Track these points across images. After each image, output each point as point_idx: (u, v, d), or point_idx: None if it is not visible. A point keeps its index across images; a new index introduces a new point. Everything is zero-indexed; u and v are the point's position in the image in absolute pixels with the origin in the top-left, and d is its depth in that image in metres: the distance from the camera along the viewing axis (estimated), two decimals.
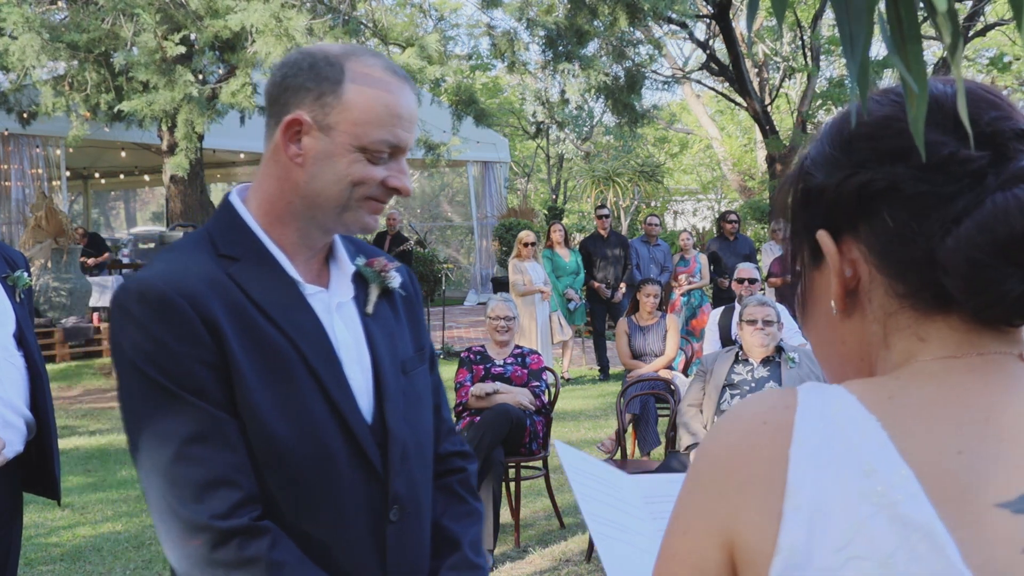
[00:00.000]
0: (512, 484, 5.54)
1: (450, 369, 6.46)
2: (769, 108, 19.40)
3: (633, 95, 14.63)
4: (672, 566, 0.80)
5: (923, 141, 0.64)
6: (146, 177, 22.66)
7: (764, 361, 4.94)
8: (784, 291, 10.07)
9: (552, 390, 6.04)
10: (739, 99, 18.66)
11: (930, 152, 0.78)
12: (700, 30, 21.10)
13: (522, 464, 5.57)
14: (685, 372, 7.95)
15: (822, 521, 0.73)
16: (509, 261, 10.67)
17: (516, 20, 14.02)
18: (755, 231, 19.32)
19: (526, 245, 10.30)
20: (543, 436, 5.60)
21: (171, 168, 12.38)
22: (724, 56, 18.48)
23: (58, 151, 14.32)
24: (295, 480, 1.41)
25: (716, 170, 28.04)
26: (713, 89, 22.99)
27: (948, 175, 0.78)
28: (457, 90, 13.44)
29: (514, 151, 26.34)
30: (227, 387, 1.37)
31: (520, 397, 5.47)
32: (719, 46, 19.73)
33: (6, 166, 13.60)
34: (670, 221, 26.17)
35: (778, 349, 4.97)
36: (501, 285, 14.17)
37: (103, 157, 19.98)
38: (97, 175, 22.74)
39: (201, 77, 12.05)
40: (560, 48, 13.83)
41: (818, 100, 18.89)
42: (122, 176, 22.91)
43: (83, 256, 13.87)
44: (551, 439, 1.69)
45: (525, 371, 5.68)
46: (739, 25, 18.19)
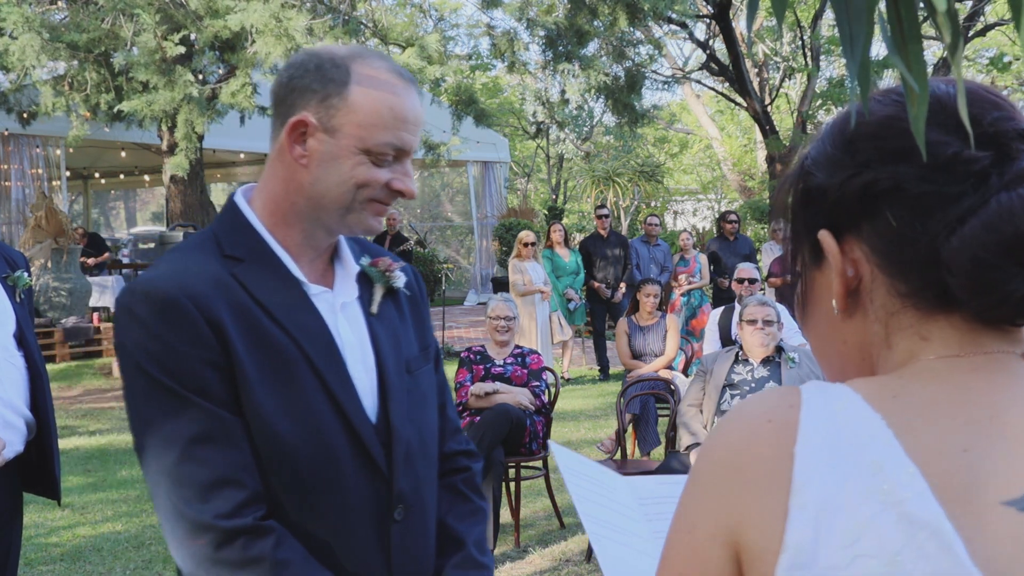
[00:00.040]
0: (512, 484, 5.54)
1: (450, 369, 6.42)
2: (769, 108, 19.41)
3: (633, 95, 14.63)
4: (677, 564, 0.80)
5: (924, 140, 0.64)
6: (146, 177, 22.66)
7: (764, 361, 4.94)
8: (784, 291, 10.07)
9: (552, 390, 6.04)
10: (739, 99, 18.67)
11: (934, 152, 0.78)
12: (700, 30, 21.11)
13: (522, 464, 5.57)
14: (685, 372, 7.95)
15: (829, 519, 0.73)
16: (509, 261, 10.67)
17: (516, 20, 14.02)
18: (755, 231, 19.32)
19: (526, 245, 10.30)
20: (543, 436, 5.60)
21: (171, 168, 12.38)
22: (724, 56, 18.49)
23: (58, 151, 14.31)
24: (299, 479, 1.41)
25: (716, 170, 28.04)
26: (713, 89, 22.99)
27: (952, 175, 0.78)
28: (457, 90, 13.44)
29: (514, 151, 26.34)
30: (232, 387, 1.38)
31: (520, 397, 5.47)
32: (719, 46, 19.74)
33: (6, 166, 13.59)
34: (670, 221, 26.17)
35: (778, 349, 4.97)
36: (501, 285, 14.16)
37: (103, 157, 19.98)
38: (97, 175, 22.75)
39: (201, 77, 12.05)
40: (560, 48, 13.83)
41: (818, 100, 18.89)
42: (122, 176, 22.91)
43: (83, 256, 13.87)
44: (549, 440, 1.70)
45: (525, 371, 5.68)
46: (739, 25, 18.19)
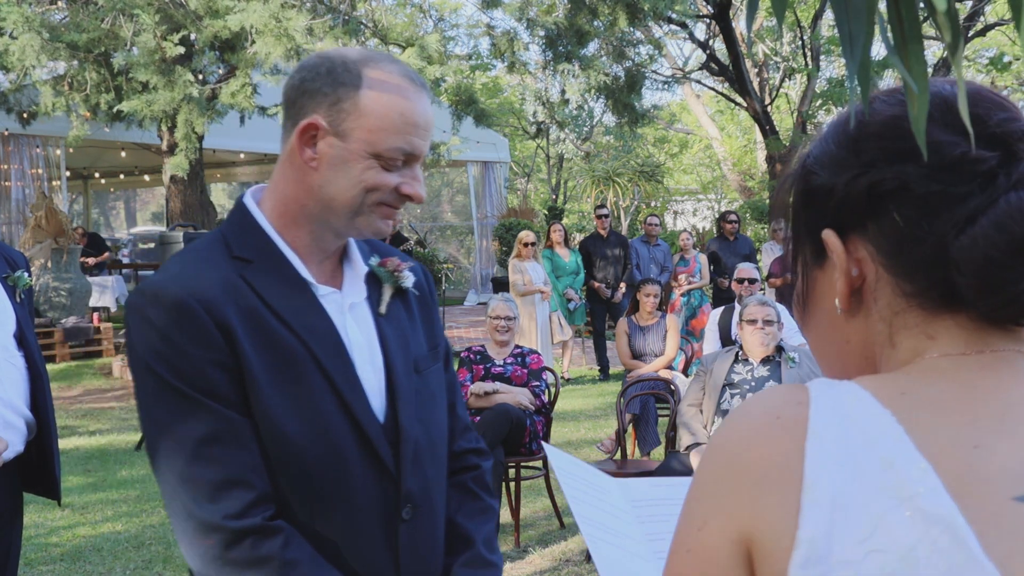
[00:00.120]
0: (512, 484, 5.54)
1: None
2: (769, 108, 19.41)
3: (633, 95, 14.63)
4: (687, 561, 0.79)
5: (924, 140, 0.64)
6: (146, 177, 22.66)
7: (764, 361, 4.94)
8: (784, 291, 10.07)
9: (552, 390, 6.04)
10: (739, 99, 18.67)
11: (941, 152, 0.78)
12: (700, 30, 21.12)
13: (522, 464, 5.57)
14: (685, 372, 7.95)
15: (842, 515, 0.73)
16: (509, 261, 10.67)
17: (516, 20, 14.02)
18: (755, 231, 19.32)
19: (526, 245, 10.30)
20: (543, 436, 5.60)
21: (171, 168, 12.38)
22: (724, 56, 18.49)
23: (58, 151, 14.31)
24: (308, 480, 1.42)
25: (716, 170, 28.03)
26: (713, 89, 22.99)
27: (959, 175, 0.78)
28: (457, 90, 13.44)
29: (514, 151, 26.33)
30: (240, 388, 1.39)
31: (520, 397, 5.47)
32: (719, 46, 19.74)
33: (6, 166, 13.59)
34: (670, 221, 26.17)
35: (778, 349, 4.97)
36: (501, 285, 14.16)
37: (103, 157, 19.98)
38: (97, 175, 22.76)
39: (201, 77, 12.05)
40: (560, 48, 13.83)
41: (818, 100, 18.90)
42: (122, 176, 22.92)
43: (83, 256, 13.87)
44: (543, 441, 1.70)
45: (525, 371, 5.69)
46: (739, 25, 18.18)
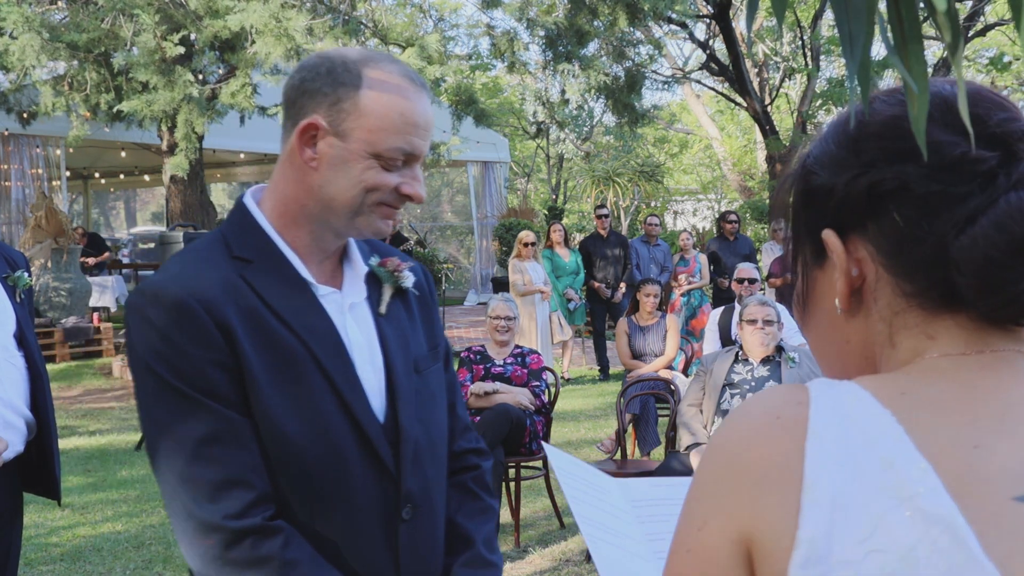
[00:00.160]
0: (512, 484, 5.54)
1: None
2: (769, 108, 19.41)
3: (633, 95, 14.62)
4: (687, 561, 0.79)
5: (924, 140, 0.64)
6: (146, 177, 22.66)
7: (764, 361, 4.94)
8: (784, 291, 10.07)
9: (552, 390, 6.04)
10: (739, 99, 18.67)
11: (941, 152, 0.78)
12: (700, 30, 21.12)
13: (522, 464, 5.57)
14: (685, 372, 7.95)
15: (842, 515, 0.73)
16: (509, 261, 10.67)
17: (516, 20, 14.02)
18: (755, 231, 19.32)
19: (526, 245, 10.30)
20: (543, 436, 5.60)
21: (171, 168, 12.38)
22: (724, 56, 18.49)
23: (58, 151, 14.31)
24: (308, 480, 1.42)
25: (716, 170, 28.03)
26: (713, 89, 22.99)
27: (959, 175, 0.78)
28: (457, 90, 13.43)
29: (514, 151, 26.33)
30: (240, 388, 1.39)
31: (520, 397, 5.47)
32: (719, 46, 19.74)
33: (6, 166, 13.58)
34: (670, 221, 26.16)
35: (778, 349, 4.98)
36: (501, 285, 14.16)
37: (103, 157, 19.98)
38: (97, 175, 22.76)
39: (201, 77, 12.05)
40: (560, 48, 13.83)
41: (818, 100, 18.90)
42: (122, 176, 22.92)
43: (83, 256, 13.87)
44: (542, 441, 1.70)
45: (525, 371, 5.69)
46: (739, 25, 18.18)
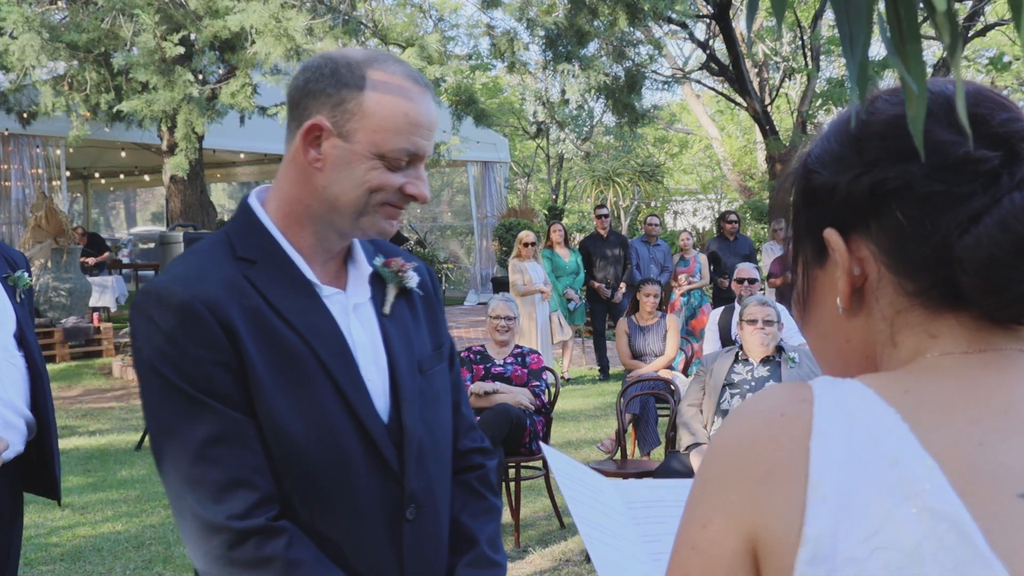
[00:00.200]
0: (512, 484, 5.54)
1: None
2: (769, 108, 19.42)
3: (633, 95, 14.62)
4: (691, 559, 0.79)
5: (922, 140, 0.64)
6: (146, 177, 22.66)
7: (764, 361, 4.94)
8: (784, 291, 10.07)
9: (552, 390, 6.04)
10: (739, 99, 18.67)
11: (944, 151, 0.79)
12: (700, 30, 21.11)
13: (522, 464, 5.57)
14: (685, 372, 7.95)
15: (848, 512, 0.73)
16: (509, 261, 10.67)
17: (516, 20, 14.01)
18: (755, 231, 19.32)
19: (526, 245, 10.30)
20: (543, 436, 5.60)
21: (171, 168, 12.37)
22: (724, 56, 18.49)
23: (58, 151, 14.31)
24: (312, 480, 1.42)
25: (716, 170, 28.02)
26: (713, 89, 22.99)
27: (962, 174, 0.78)
28: (457, 90, 13.42)
29: (514, 151, 26.33)
30: (244, 389, 1.39)
31: (520, 397, 5.47)
32: (719, 46, 19.74)
33: (6, 166, 13.58)
34: (670, 221, 26.16)
35: (778, 349, 4.98)
36: (501, 285, 14.16)
37: (103, 157, 19.98)
38: (97, 175, 22.76)
39: (201, 77, 12.05)
40: (560, 48, 13.82)
41: (818, 100, 18.91)
42: (122, 176, 22.92)
43: (83, 256, 13.87)
44: (541, 442, 1.70)
45: (525, 371, 5.69)
46: (739, 25, 18.19)
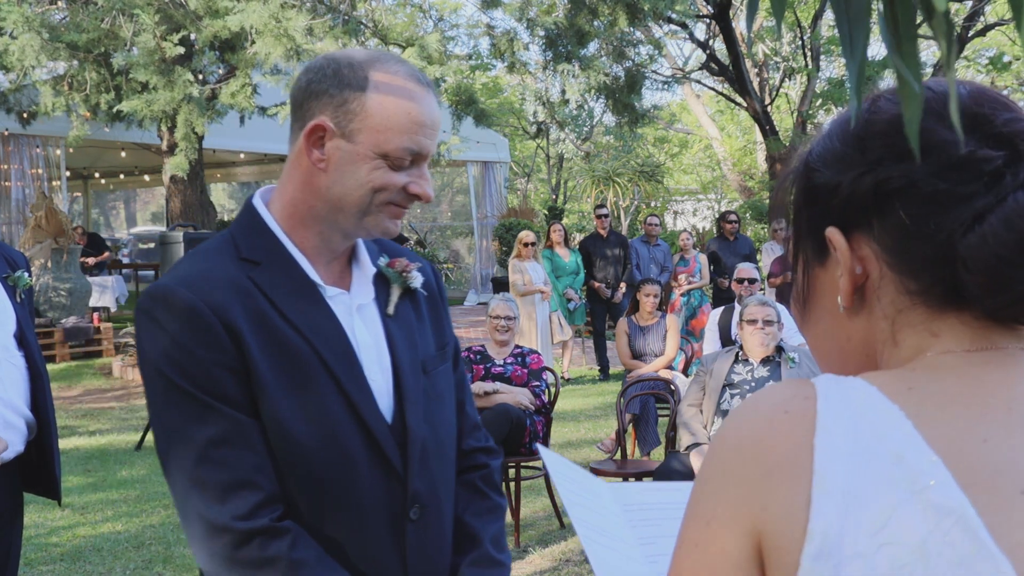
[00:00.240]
0: (512, 484, 5.55)
1: None
2: (769, 108, 19.42)
3: (633, 95, 14.62)
4: (695, 556, 0.79)
5: (917, 142, 0.64)
6: (146, 177, 22.67)
7: (764, 361, 4.94)
8: (784, 291, 10.07)
9: (552, 390, 6.04)
10: (739, 99, 18.67)
11: (948, 151, 0.79)
12: (700, 30, 21.11)
13: (522, 464, 5.58)
14: (685, 372, 7.95)
15: (853, 508, 0.73)
16: (509, 261, 10.67)
17: (516, 20, 14.01)
18: (755, 231, 19.32)
19: (526, 245, 10.30)
20: (543, 436, 5.60)
21: (171, 168, 12.37)
22: (724, 56, 18.49)
23: (58, 151, 14.31)
24: (316, 481, 1.43)
25: (716, 170, 28.02)
26: (713, 89, 22.99)
27: (967, 173, 0.78)
28: (457, 90, 13.41)
29: (514, 151, 26.32)
30: (248, 390, 1.40)
31: (520, 397, 5.47)
32: (719, 46, 19.73)
33: (6, 166, 13.58)
34: (670, 221, 26.16)
35: (778, 349, 4.98)
36: (501, 285, 14.16)
37: (103, 157, 19.98)
38: (97, 175, 22.76)
39: (201, 77, 12.05)
40: (560, 48, 13.82)
41: (818, 100, 18.91)
42: (122, 176, 22.92)
43: (83, 256, 13.87)
44: (538, 444, 1.70)
45: (525, 371, 5.69)
46: (739, 25, 18.18)
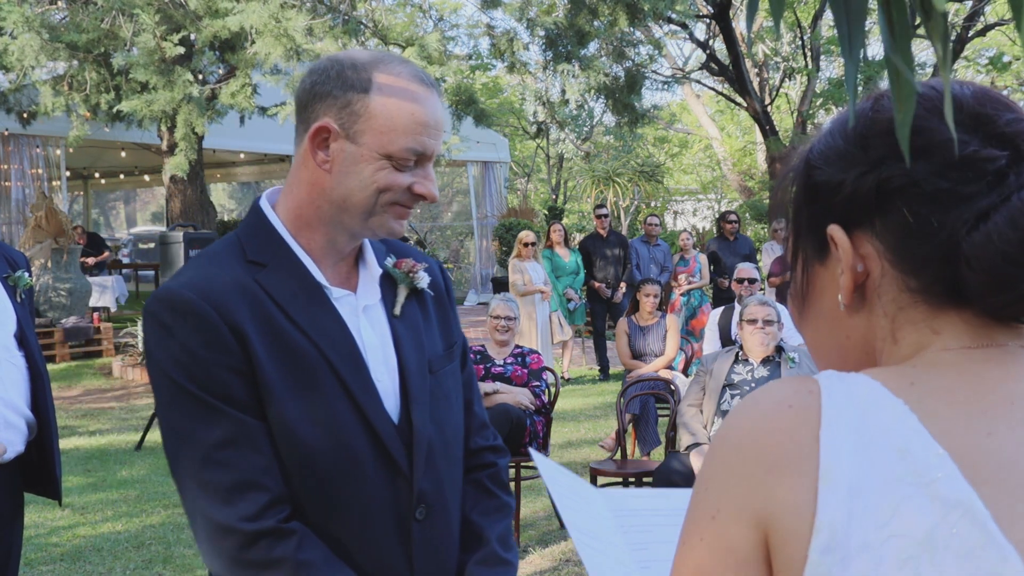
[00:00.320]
0: (512, 484, 5.55)
1: None
2: (769, 108, 19.42)
3: (633, 95, 14.62)
4: (700, 551, 0.79)
5: (907, 145, 0.64)
6: (146, 177, 22.68)
7: (764, 361, 4.94)
8: (784, 291, 10.07)
9: (552, 390, 6.04)
10: (739, 99, 18.67)
11: (951, 150, 0.79)
12: (700, 30, 21.11)
13: (522, 464, 5.58)
14: (685, 372, 7.95)
15: (860, 501, 0.73)
16: (509, 261, 10.67)
17: (516, 20, 14.02)
18: (755, 231, 19.33)
19: (526, 245, 10.30)
20: (543, 436, 5.60)
21: (171, 168, 12.38)
22: (724, 56, 18.49)
23: (58, 151, 14.31)
24: (322, 482, 1.43)
25: (716, 170, 28.02)
26: (713, 89, 22.99)
27: (970, 173, 0.79)
28: (457, 90, 13.41)
29: (514, 151, 26.32)
30: (254, 392, 1.40)
31: (520, 397, 5.47)
32: (719, 46, 19.74)
33: (6, 166, 13.59)
34: (670, 221, 26.17)
35: (778, 349, 4.97)
36: (501, 285, 14.15)
37: (103, 157, 19.99)
38: (97, 175, 22.76)
39: (201, 77, 12.06)
40: (560, 48, 13.83)
41: (818, 100, 18.91)
42: (122, 176, 22.93)
43: (83, 256, 13.86)
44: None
45: (525, 371, 5.69)
46: (739, 25, 18.19)
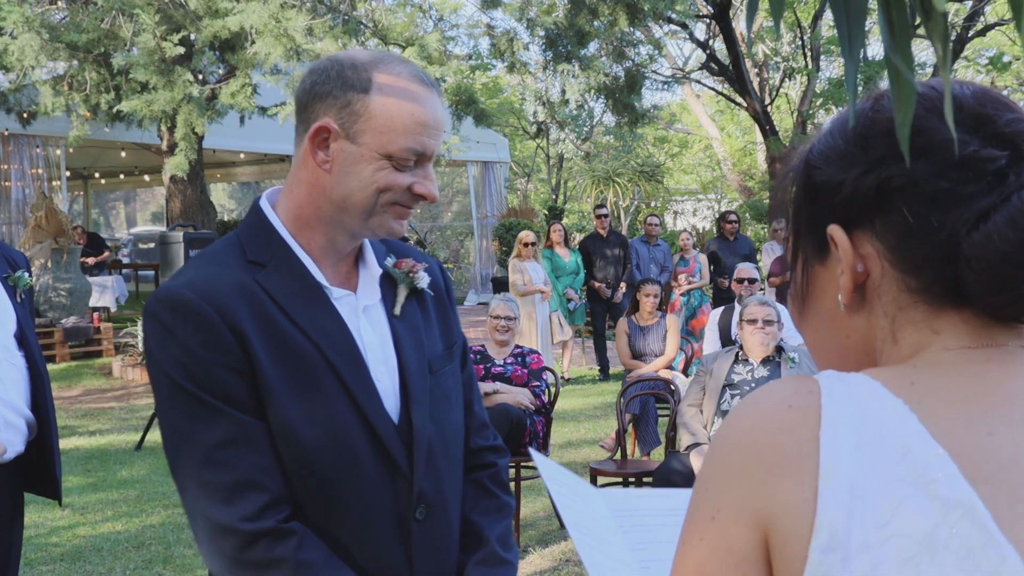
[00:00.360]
0: (512, 484, 5.55)
1: None
2: (769, 108, 19.42)
3: (633, 95, 14.62)
4: (700, 551, 0.79)
5: (907, 146, 0.64)
6: (146, 177, 22.68)
7: (764, 361, 4.94)
8: (784, 291, 10.07)
9: (552, 390, 6.04)
10: (739, 99, 18.67)
11: (951, 150, 0.79)
12: (700, 30, 21.11)
13: (522, 464, 5.58)
14: (685, 372, 7.95)
15: (860, 501, 0.73)
16: (509, 261, 10.67)
17: (516, 20, 14.02)
18: (755, 231, 19.33)
19: (526, 245, 10.30)
20: (543, 436, 5.60)
21: (171, 168, 12.38)
22: (724, 56, 18.49)
23: (58, 151, 14.31)
24: (322, 482, 1.44)
25: (716, 170, 28.02)
26: (713, 89, 22.99)
27: (970, 173, 0.79)
28: (457, 90, 13.41)
29: (514, 151, 26.32)
30: (254, 392, 1.40)
31: (520, 397, 5.47)
32: (719, 46, 19.74)
33: (6, 166, 13.59)
34: (670, 221, 26.17)
35: (778, 349, 4.97)
36: (501, 285, 14.15)
37: (103, 157, 19.99)
38: (97, 175, 22.77)
39: (201, 77, 12.06)
40: (560, 48, 13.83)
41: (818, 100, 18.91)
42: (122, 176, 22.93)
43: (83, 256, 13.87)
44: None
45: (525, 371, 5.69)
46: (739, 25, 18.19)
